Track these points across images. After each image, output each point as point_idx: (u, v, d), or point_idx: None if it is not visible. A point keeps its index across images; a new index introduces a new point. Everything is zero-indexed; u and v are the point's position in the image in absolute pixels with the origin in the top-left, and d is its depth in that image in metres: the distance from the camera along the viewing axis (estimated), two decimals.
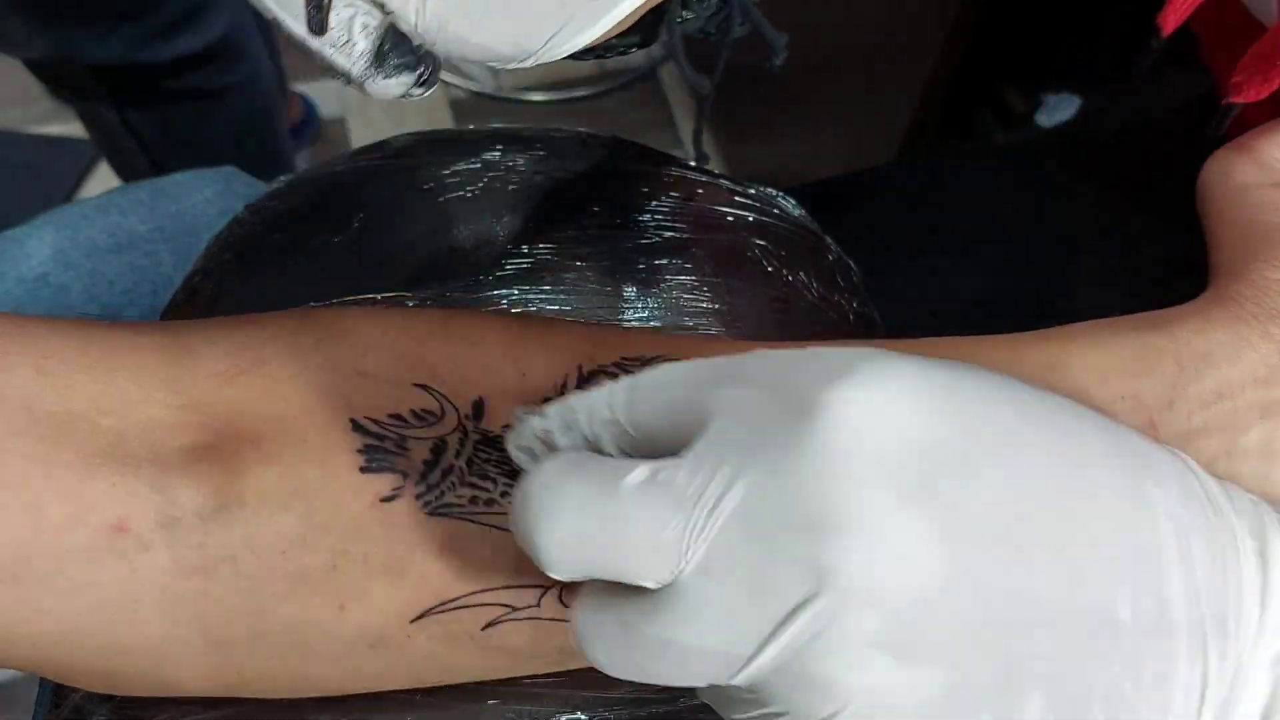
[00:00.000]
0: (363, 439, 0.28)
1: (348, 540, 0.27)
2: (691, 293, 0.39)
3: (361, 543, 0.27)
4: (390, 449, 0.28)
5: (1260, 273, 0.30)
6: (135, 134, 0.92)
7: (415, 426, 0.29)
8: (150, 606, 0.27)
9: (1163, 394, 0.29)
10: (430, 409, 0.29)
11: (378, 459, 0.28)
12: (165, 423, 0.28)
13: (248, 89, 0.96)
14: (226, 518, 0.27)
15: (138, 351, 0.29)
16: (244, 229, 0.43)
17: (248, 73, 0.95)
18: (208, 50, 0.88)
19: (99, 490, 0.26)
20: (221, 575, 0.27)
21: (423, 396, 0.29)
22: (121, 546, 0.26)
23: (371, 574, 0.27)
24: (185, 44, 0.85)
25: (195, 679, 0.28)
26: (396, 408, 0.29)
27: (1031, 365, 0.29)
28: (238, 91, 0.95)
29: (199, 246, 0.44)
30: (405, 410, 0.29)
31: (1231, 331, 0.29)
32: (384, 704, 0.31)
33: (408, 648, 0.28)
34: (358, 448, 0.28)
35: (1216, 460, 0.28)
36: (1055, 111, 1.15)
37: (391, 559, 0.27)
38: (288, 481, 0.27)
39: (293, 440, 0.28)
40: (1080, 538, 0.21)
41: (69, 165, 1.33)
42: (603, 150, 0.43)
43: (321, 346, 0.30)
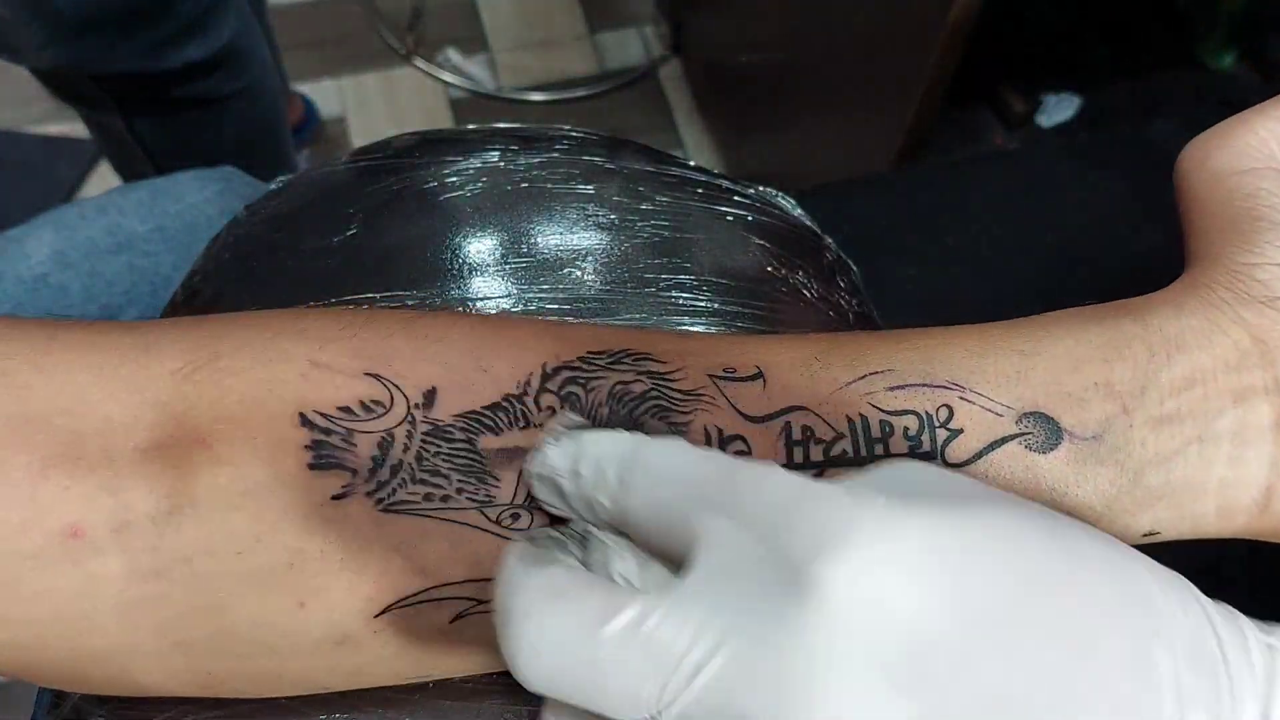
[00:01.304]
0: (311, 434, 0.28)
1: (303, 538, 0.27)
2: (690, 292, 0.39)
3: (317, 540, 0.27)
4: (337, 444, 0.28)
5: (1233, 258, 0.30)
6: (141, 141, 0.93)
7: (362, 419, 0.28)
8: (107, 614, 0.27)
9: (1134, 380, 0.29)
10: (379, 399, 0.29)
11: (325, 456, 0.28)
12: (122, 422, 0.27)
13: (253, 94, 0.97)
14: (179, 520, 0.27)
15: (97, 351, 0.29)
16: (243, 229, 0.43)
17: (253, 78, 0.95)
18: (215, 58, 0.88)
19: (53, 494, 0.26)
20: (177, 578, 0.27)
21: (372, 385, 0.29)
22: (75, 553, 0.26)
23: (329, 571, 0.27)
24: (194, 52, 0.85)
25: (165, 680, 0.28)
26: (346, 400, 0.28)
27: (1004, 354, 0.30)
28: (243, 97, 0.95)
29: (199, 247, 0.44)
30: (354, 402, 0.28)
31: (1203, 317, 0.29)
32: (386, 703, 0.31)
33: (377, 644, 0.28)
34: (306, 443, 0.28)
35: (1190, 445, 0.28)
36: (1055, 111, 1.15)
37: (349, 556, 0.27)
38: (239, 482, 0.27)
39: (243, 437, 0.28)
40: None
41: (69, 165, 1.33)
42: (602, 150, 0.43)
43: (278, 340, 0.29)
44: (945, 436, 0.29)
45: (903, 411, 0.29)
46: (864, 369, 0.29)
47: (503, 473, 0.28)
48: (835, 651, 0.20)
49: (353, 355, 0.29)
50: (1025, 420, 0.29)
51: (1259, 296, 0.29)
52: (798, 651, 0.20)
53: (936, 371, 0.29)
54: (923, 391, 0.29)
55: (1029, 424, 0.29)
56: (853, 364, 0.30)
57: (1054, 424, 0.29)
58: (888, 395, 0.29)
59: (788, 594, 0.21)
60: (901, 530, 0.21)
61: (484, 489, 0.28)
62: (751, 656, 0.21)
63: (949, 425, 0.29)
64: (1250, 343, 0.29)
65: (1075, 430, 0.29)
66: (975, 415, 0.29)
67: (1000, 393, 0.29)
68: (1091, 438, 0.29)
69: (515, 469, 0.28)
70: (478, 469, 0.28)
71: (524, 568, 0.24)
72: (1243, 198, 0.30)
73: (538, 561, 0.24)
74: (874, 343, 0.30)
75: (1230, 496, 0.29)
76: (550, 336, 0.31)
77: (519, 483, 0.28)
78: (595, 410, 0.29)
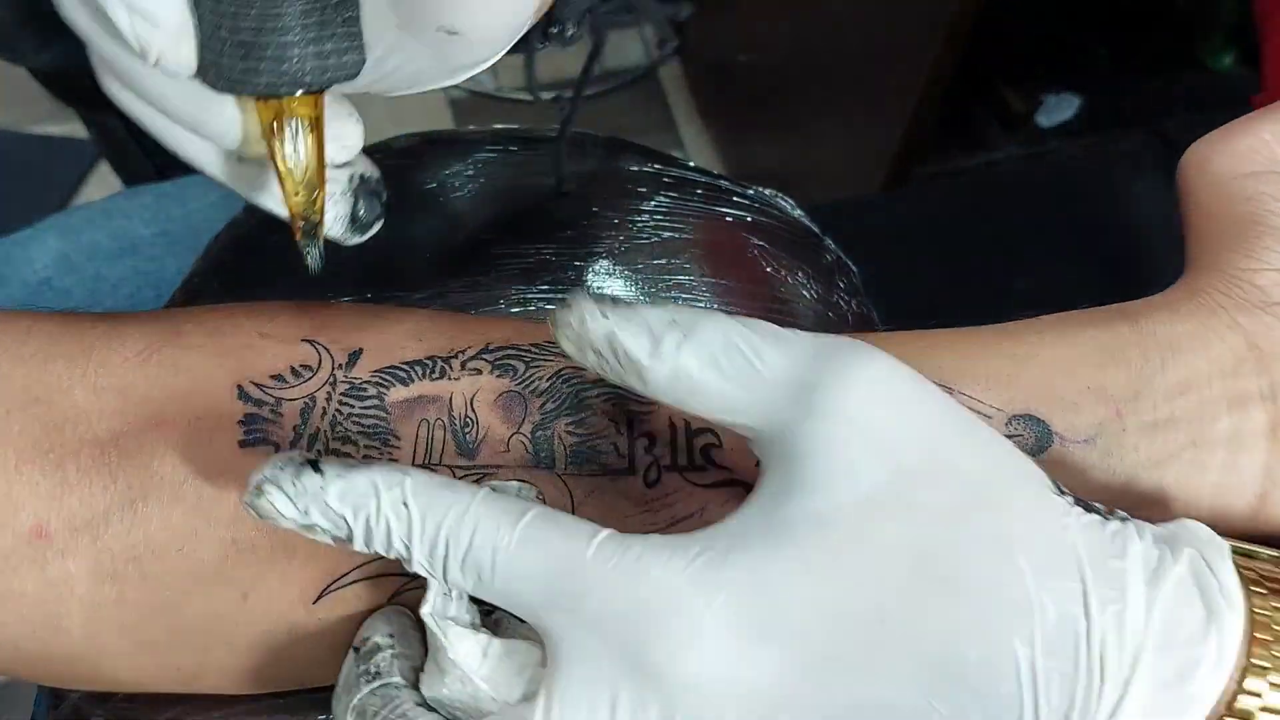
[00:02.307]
0: (245, 407, 0.28)
1: (235, 528, 0.27)
2: (690, 293, 0.39)
3: (248, 528, 0.27)
4: (266, 415, 0.28)
5: (1231, 263, 0.30)
6: (140, 141, 0.92)
7: (290, 385, 0.28)
8: (71, 617, 0.27)
9: (1128, 385, 0.29)
10: (308, 362, 0.29)
11: (253, 431, 0.28)
12: (89, 410, 0.28)
13: None
14: (131, 516, 0.27)
15: (71, 338, 0.29)
16: (242, 230, 0.43)
17: None
18: None
19: (24, 491, 0.27)
20: (131, 579, 0.27)
21: (307, 351, 0.29)
22: (40, 554, 0.27)
23: (262, 560, 0.27)
24: None
25: (140, 677, 0.29)
26: (280, 367, 0.29)
27: (995, 356, 0.29)
28: None
29: (202, 250, 0.44)
30: (286, 368, 0.29)
31: (1199, 322, 0.29)
32: None
33: (327, 631, 0.28)
34: (239, 418, 0.28)
35: (1184, 451, 0.28)
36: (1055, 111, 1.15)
37: (277, 542, 0.27)
38: (181, 469, 0.27)
39: (188, 416, 0.28)
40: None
41: (69, 165, 1.33)
42: (602, 150, 0.43)
43: (233, 316, 0.30)
44: None
45: None
46: None
47: (403, 428, 0.28)
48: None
49: (297, 325, 0.29)
50: (1015, 422, 0.29)
51: (1256, 302, 0.29)
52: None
53: (926, 372, 0.29)
54: None
55: (1018, 426, 0.29)
56: None
57: (1045, 426, 0.29)
58: None
59: (646, 692, 0.22)
60: (739, 623, 0.22)
61: (386, 451, 0.28)
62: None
63: None
64: (1246, 348, 0.28)
65: (1067, 434, 0.28)
66: None
67: (990, 395, 0.29)
68: (1083, 441, 0.28)
69: (415, 421, 0.28)
70: (383, 430, 0.28)
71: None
72: (1244, 201, 0.30)
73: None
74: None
75: (1224, 503, 0.28)
76: (511, 327, 0.31)
77: (417, 439, 0.28)
78: (532, 384, 0.29)
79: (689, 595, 0.22)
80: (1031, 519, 0.23)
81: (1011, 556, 0.22)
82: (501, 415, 0.29)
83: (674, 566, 0.23)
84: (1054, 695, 0.22)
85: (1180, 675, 0.22)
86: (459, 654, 0.24)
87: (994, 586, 0.22)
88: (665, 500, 0.28)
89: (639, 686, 0.22)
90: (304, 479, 0.24)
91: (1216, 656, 0.22)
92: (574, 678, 0.23)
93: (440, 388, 0.29)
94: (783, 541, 0.23)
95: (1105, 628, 0.22)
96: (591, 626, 0.23)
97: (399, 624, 0.27)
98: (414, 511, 0.24)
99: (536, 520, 0.24)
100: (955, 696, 0.22)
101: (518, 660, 0.25)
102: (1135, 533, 0.23)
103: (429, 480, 0.24)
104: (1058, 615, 0.22)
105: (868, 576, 0.22)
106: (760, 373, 0.24)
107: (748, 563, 0.23)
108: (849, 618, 0.22)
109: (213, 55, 0.20)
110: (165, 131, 0.25)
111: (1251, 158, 0.31)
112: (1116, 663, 0.22)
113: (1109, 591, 0.22)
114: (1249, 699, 0.22)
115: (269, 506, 0.24)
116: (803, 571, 0.22)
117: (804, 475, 0.23)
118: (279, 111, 0.22)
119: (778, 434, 0.24)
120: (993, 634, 0.22)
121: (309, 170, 0.23)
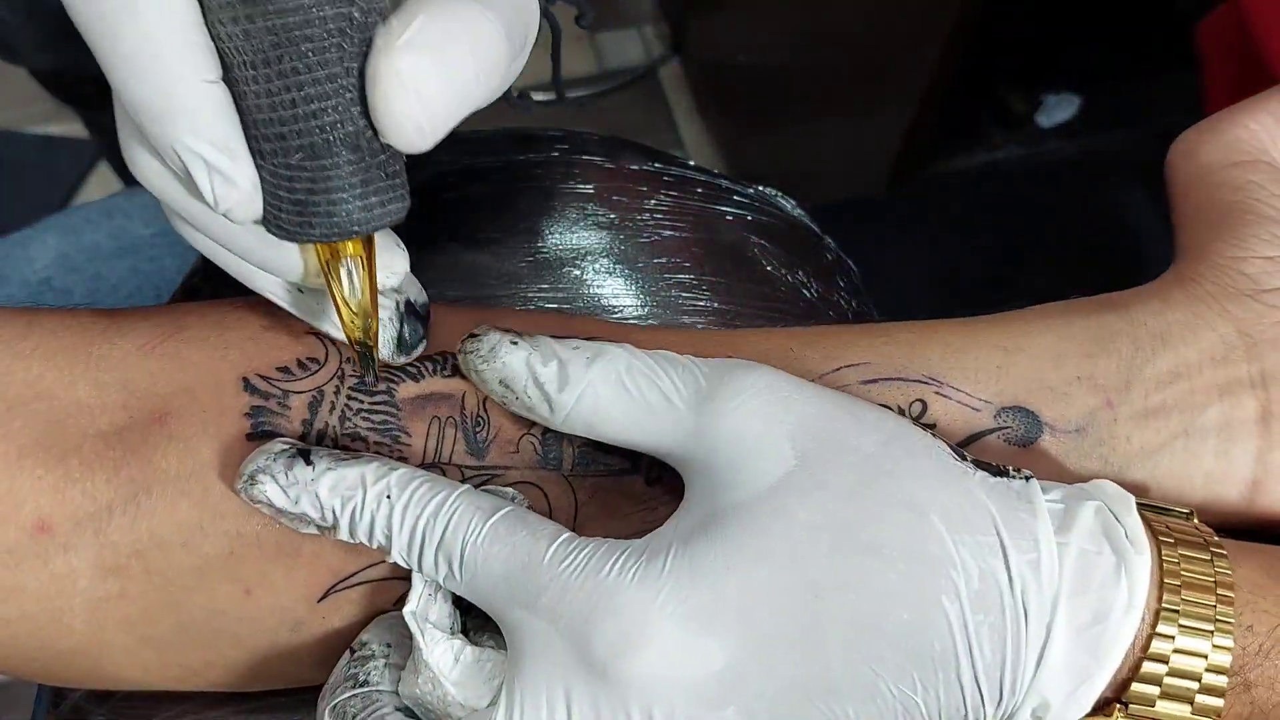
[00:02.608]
0: (251, 399, 0.28)
1: (240, 522, 0.27)
2: (690, 291, 0.39)
3: (253, 523, 0.27)
4: (274, 408, 0.28)
5: (1221, 252, 0.30)
6: None
7: (297, 378, 0.28)
8: (74, 613, 0.27)
9: (1119, 375, 0.29)
10: (315, 355, 0.29)
11: (261, 423, 0.28)
12: (92, 404, 0.28)
13: None
14: (134, 510, 0.27)
15: (72, 333, 0.29)
16: None
17: None
18: None
19: (26, 485, 0.27)
20: (134, 573, 0.27)
21: (313, 345, 0.29)
22: (43, 549, 0.27)
23: (267, 556, 0.27)
24: None
25: (143, 674, 0.29)
26: (286, 359, 0.29)
27: (985, 348, 0.29)
28: None
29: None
30: (292, 361, 0.29)
31: (1189, 311, 0.29)
32: None
33: (330, 631, 0.28)
34: (245, 410, 0.28)
35: (1175, 439, 0.28)
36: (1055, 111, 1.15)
37: (283, 539, 0.27)
38: (186, 462, 0.27)
39: (193, 409, 0.28)
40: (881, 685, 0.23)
41: (69, 165, 1.33)
42: (602, 150, 0.43)
43: (236, 309, 0.30)
44: None
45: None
46: (839, 361, 0.29)
47: (413, 425, 0.28)
48: (655, 703, 0.23)
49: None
50: (1004, 414, 0.29)
51: (1245, 290, 0.29)
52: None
53: (913, 365, 0.29)
54: (897, 385, 0.29)
55: (1007, 418, 0.29)
56: (829, 356, 0.30)
57: (1034, 417, 0.29)
58: (861, 389, 0.29)
59: (598, 689, 0.23)
60: (683, 615, 0.23)
61: (397, 448, 0.28)
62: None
63: (922, 420, 0.29)
64: (1236, 336, 0.29)
65: (1057, 424, 0.29)
66: (951, 409, 0.29)
67: (979, 387, 0.29)
68: (1074, 431, 0.29)
69: (426, 419, 0.28)
70: (393, 426, 0.28)
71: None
72: (1231, 190, 0.30)
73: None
74: (854, 336, 0.30)
75: (1216, 491, 0.28)
76: (523, 320, 0.31)
77: (428, 436, 0.28)
78: None
79: (635, 594, 0.23)
80: (936, 481, 0.24)
81: (926, 518, 0.23)
82: (513, 415, 0.29)
83: (622, 567, 0.24)
84: (985, 647, 0.23)
85: (1096, 618, 0.23)
86: (432, 657, 0.25)
87: (914, 548, 0.23)
88: (662, 498, 0.29)
89: (592, 683, 0.23)
90: (296, 471, 0.26)
91: (1128, 600, 0.23)
92: (532, 674, 0.24)
93: (452, 385, 0.29)
94: (713, 534, 0.24)
95: (1024, 577, 0.23)
96: (547, 624, 0.24)
97: (398, 634, 0.27)
98: (396, 504, 0.25)
99: (507, 518, 0.25)
100: (894, 659, 0.23)
101: (488, 669, 0.25)
102: (1039, 488, 0.25)
103: (413, 475, 0.26)
104: (979, 570, 0.23)
105: (796, 553, 0.23)
106: (662, 391, 0.26)
107: (687, 555, 0.24)
108: (784, 594, 0.23)
109: (274, 210, 0.23)
110: (234, 266, 0.27)
111: (1238, 147, 0.31)
112: (1038, 609, 0.23)
113: (1022, 541, 0.23)
114: (1162, 642, 0.23)
115: (261, 494, 0.26)
116: (736, 555, 0.23)
117: (720, 473, 0.25)
118: (334, 252, 0.25)
119: (689, 445, 0.25)
120: (921, 594, 0.23)
121: (363, 301, 0.26)
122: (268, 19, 0.21)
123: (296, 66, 0.21)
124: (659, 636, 0.23)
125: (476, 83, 0.23)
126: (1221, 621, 0.23)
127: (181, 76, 0.21)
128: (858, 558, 0.23)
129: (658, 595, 0.23)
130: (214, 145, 0.22)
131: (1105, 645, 0.23)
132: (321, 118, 0.22)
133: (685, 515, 0.25)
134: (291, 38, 0.21)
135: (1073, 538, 0.23)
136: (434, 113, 0.22)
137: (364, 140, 0.23)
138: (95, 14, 0.21)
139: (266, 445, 0.26)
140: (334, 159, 0.22)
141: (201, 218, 0.25)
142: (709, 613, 0.23)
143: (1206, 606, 0.23)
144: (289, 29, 0.21)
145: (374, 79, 0.22)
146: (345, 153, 0.23)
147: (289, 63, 0.21)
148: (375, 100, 0.22)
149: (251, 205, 0.23)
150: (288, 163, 0.22)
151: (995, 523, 0.23)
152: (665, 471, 0.28)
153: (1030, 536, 0.23)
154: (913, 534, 0.23)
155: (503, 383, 0.27)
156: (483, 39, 0.22)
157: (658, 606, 0.23)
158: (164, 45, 0.21)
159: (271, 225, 0.24)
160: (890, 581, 0.23)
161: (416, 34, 0.21)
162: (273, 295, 0.28)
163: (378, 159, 0.23)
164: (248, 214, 0.23)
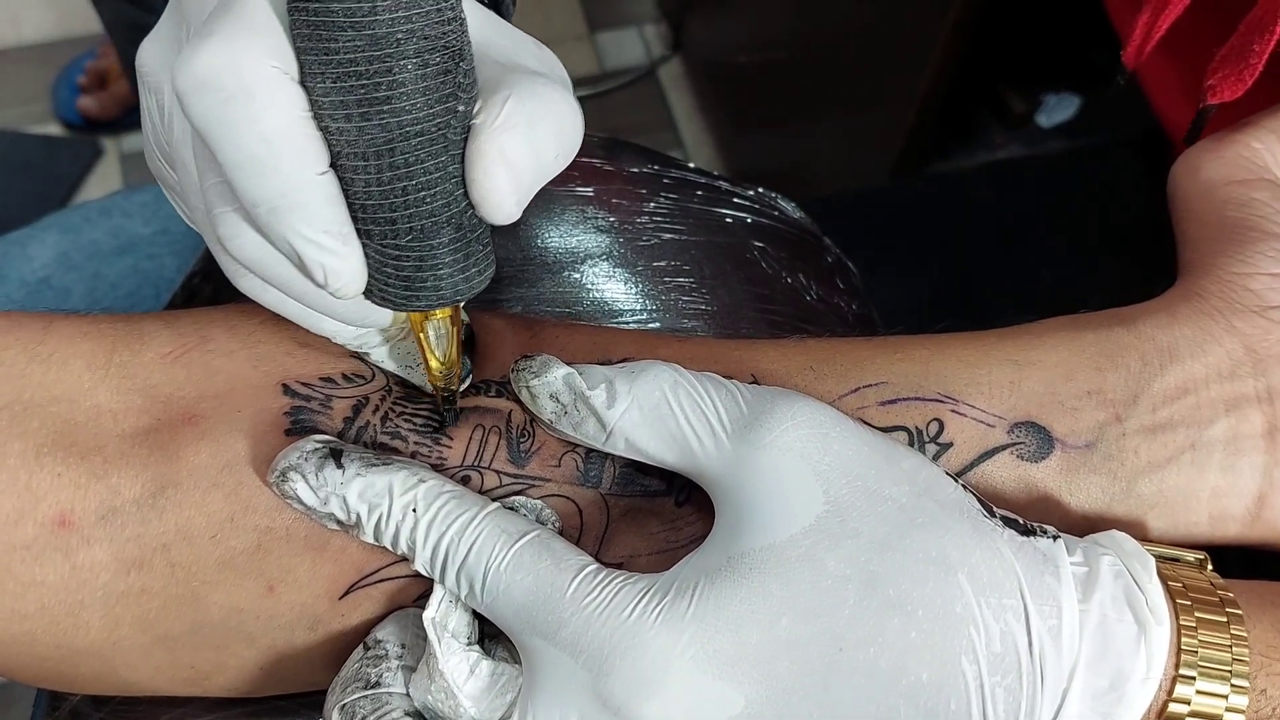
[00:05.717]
0: (291, 401, 0.28)
1: (271, 516, 0.27)
2: (690, 294, 0.39)
3: (284, 518, 0.27)
4: (315, 408, 0.28)
5: (1225, 268, 0.30)
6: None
7: (342, 387, 0.29)
8: (92, 608, 0.27)
9: (1127, 389, 0.29)
10: (361, 372, 0.29)
11: (302, 419, 0.28)
12: (112, 408, 0.28)
13: None
14: (162, 504, 0.27)
15: (90, 339, 0.29)
16: None
17: None
18: None
19: (45, 482, 0.27)
20: (156, 568, 0.27)
21: (356, 363, 0.30)
22: (64, 543, 0.27)
23: (295, 551, 0.28)
24: None
25: (151, 677, 0.29)
26: (330, 372, 0.29)
27: (998, 363, 0.30)
28: None
29: (202, 248, 0.44)
30: (337, 374, 0.29)
31: (1196, 326, 0.29)
32: None
33: (348, 630, 0.28)
34: (285, 410, 0.28)
35: (1183, 453, 0.29)
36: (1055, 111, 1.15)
37: (312, 533, 0.28)
38: (219, 456, 0.28)
39: (227, 412, 0.28)
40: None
41: (69, 165, 1.33)
42: (602, 150, 0.43)
43: (265, 325, 0.30)
44: (935, 451, 0.29)
45: (893, 427, 0.29)
46: (857, 381, 0.30)
47: (457, 431, 0.29)
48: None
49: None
50: (1017, 430, 0.29)
51: (1251, 306, 0.29)
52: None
53: (929, 383, 0.29)
54: (914, 405, 0.29)
55: (1020, 434, 0.29)
56: (846, 375, 0.30)
57: (1045, 433, 0.29)
58: (880, 410, 0.29)
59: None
60: (705, 658, 0.23)
61: (437, 450, 0.28)
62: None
63: (939, 439, 0.29)
64: (1243, 352, 0.29)
65: (1067, 439, 0.29)
66: (966, 428, 0.29)
67: (993, 403, 0.29)
68: (1084, 446, 0.29)
69: (470, 425, 0.29)
70: (434, 428, 0.29)
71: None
72: (1235, 208, 0.31)
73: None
74: (869, 352, 0.30)
75: (1223, 505, 0.29)
76: (557, 329, 0.31)
77: (470, 440, 0.29)
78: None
79: (657, 636, 0.23)
80: (966, 539, 0.24)
81: (953, 576, 0.23)
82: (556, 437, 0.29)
83: (645, 606, 0.24)
84: (1000, 709, 0.23)
85: (1113, 686, 0.23)
86: (448, 667, 0.25)
87: (940, 607, 0.23)
88: (689, 518, 0.29)
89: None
90: (326, 472, 0.26)
91: (1146, 668, 0.23)
92: (546, 702, 0.24)
93: (499, 403, 0.29)
94: (739, 576, 0.24)
95: (1044, 643, 0.23)
96: (567, 657, 0.24)
97: (413, 634, 0.27)
98: (421, 518, 0.26)
99: (532, 544, 0.25)
100: (909, 715, 0.23)
101: (502, 682, 0.26)
102: (1065, 549, 0.25)
103: (440, 489, 0.26)
104: (1000, 632, 0.23)
105: (822, 603, 0.23)
106: (704, 412, 0.26)
107: (712, 596, 0.24)
108: (807, 645, 0.23)
109: (379, 285, 0.25)
110: (298, 314, 0.28)
111: (1241, 165, 0.32)
112: (1055, 676, 0.23)
113: (1045, 606, 0.23)
114: (1178, 705, 0.24)
115: (291, 490, 0.26)
116: (761, 601, 0.23)
117: (752, 509, 0.25)
118: (426, 315, 0.26)
119: (725, 472, 0.26)
120: (942, 653, 0.23)
121: (450, 354, 0.27)
122: (382, 118, 0.22)
123: (408, 159, 0.22)
124: (678, 680, 0.23)
125: (555, 161, 0.24)
126: (1237, 687, 0.24)
127: (297, 173, 0.22)
128: (883, 613, 0.23)
129: (680, 638, 0.23)
130: (328, 233, 0.23)
131: (1120, 712, 0.23)
132: (431, 203, 0.23)
133: (712, 548, 0.25)
134: (404, 134, 0.22)
135: (1094, 604, 0.24)
136: (522, 187, 0.23)
137: (465, 218, 0.24)
138: (215, 120, 0.22)
139: (300, 442, 0.27)
140: (440, 238, 0.24)
141: (297, 286, 0.25)
142: (730, 659, 0.23)
143: (1223, 674, 0.24)
144: (402, 126, 0.22)
145: (475, 159, 0.23)
146: (449, 231, 0.24)
147: (400, 155, 0.22)
148: (476, 177, 0.23)
149: (358, 282, 0.24)
150: (396, 243, 0.23)
151: (1020, 585, 0.24)
152: (695, 492, 0.28)
153: (1054, 602, 0.24)
154: (939, 593, 0.23)
155: (553, 397, 0.27)
156: (565, 121, 0.24)
157: (679, 650, 0.23)
158: (281, 147, 0.22)
159: (376, 298, 0.25)
160: (912, 640, 0.23)
161: (511, 114, 0.22)
162: (346, 341, 0.29)
163: (476, 233, 0.24)
164: (354, 291, 0.24)
